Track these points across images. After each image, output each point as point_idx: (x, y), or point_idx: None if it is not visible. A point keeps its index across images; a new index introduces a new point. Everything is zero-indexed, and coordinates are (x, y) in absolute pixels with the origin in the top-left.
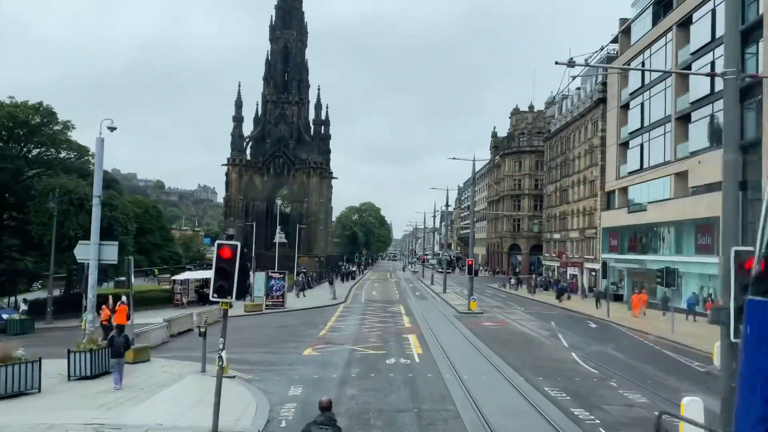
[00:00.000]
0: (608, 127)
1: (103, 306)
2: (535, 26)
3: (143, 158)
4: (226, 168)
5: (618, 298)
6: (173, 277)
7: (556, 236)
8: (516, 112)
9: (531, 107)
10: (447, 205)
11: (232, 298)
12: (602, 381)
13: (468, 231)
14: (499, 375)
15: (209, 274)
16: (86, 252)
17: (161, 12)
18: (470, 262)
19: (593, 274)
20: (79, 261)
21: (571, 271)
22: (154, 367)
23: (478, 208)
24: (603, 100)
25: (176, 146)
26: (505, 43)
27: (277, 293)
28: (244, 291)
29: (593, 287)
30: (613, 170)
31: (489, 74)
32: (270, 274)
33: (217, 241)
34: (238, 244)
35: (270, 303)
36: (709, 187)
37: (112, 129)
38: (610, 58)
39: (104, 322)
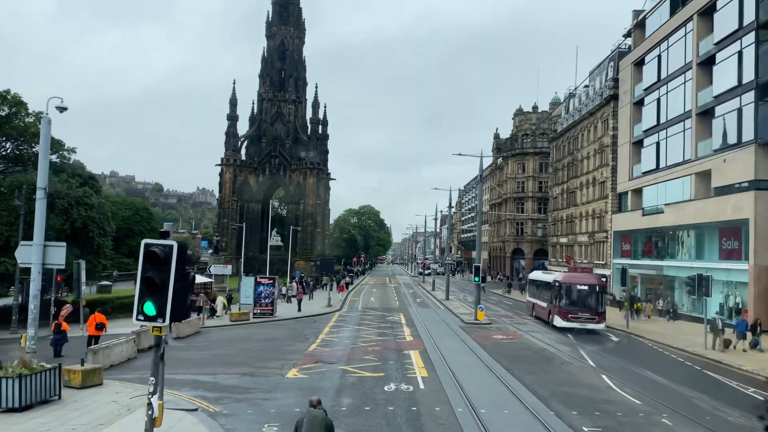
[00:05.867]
0: (620, 124)
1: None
2: (540, 30)
3: (142, 161)
4: (220, 168)
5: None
6: None
7: (563, 240)
8: (519, 112)
9: (535, 108)
10: (450, 207)
11: (164, 321)
12: (650, 416)
13: (469, 235)
14: (523, 408)
15: (197, 278)
16: (28, 254)
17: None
18: (478, 267)
19: (604, 280)
20: (20, 265)
21: None
22: (103, 394)
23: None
24: (614, 97)
25: (177, 150)
26: (508, 50)
27: (266, 300)
28: (183, 312)
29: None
30: (625, 170)
31: (488, 84)
32: (258, 279)
33: (144, 240)
34: (174, 244)
35: (258, 311)
36: (732, 188)
37: (61, 109)
38: (621, 54)
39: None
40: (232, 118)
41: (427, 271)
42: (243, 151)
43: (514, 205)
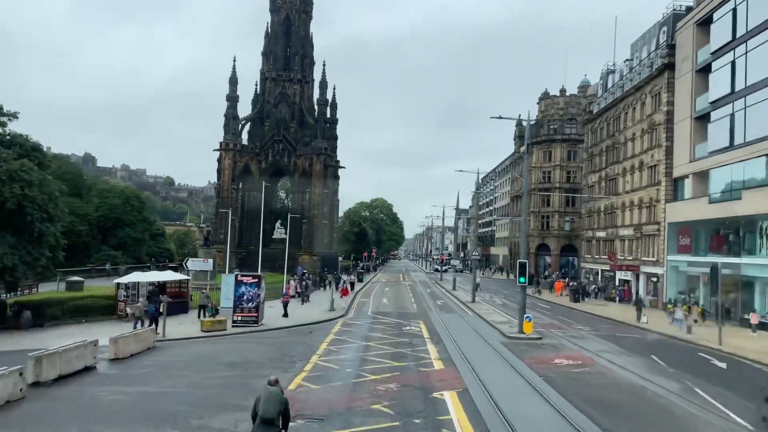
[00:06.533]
0: (677, 98)
1: None
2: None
3: (155, 157)
4: (218, 154)
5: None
6: (117, 280)
7: (600, 235)
8: (545, 96)
9: (563, 91)
10: (478, 189)
11: None
12: None
13: (487, 230)
14: None
15: (168, 275)
16: None
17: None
18: (524, 264)
19: (654, 280)
20: None
21: (620, 275)
22: None
23: (498, 204)
24: (669, 66)
25: (190, 145)
26: (520, 47)
27: (250, 305)
28: None
29: (664, 299)
30: (684, 151)
31: (502, 82)
32: (239, 277)
33: None
34: None
35: (239, 319)
36: None
37: None
38: (677, 16)
39: None
40: (232, 98)
41: (443, 268)
42: (245, 137)
43: (539, 196)
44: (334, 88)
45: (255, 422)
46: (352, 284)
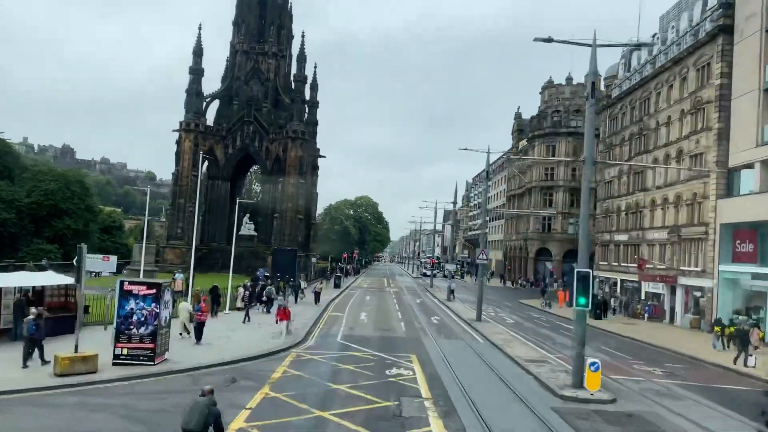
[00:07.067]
0: (737, 67)
1: None
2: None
3: (140, 150)
4: (177, 136)
5: (743, 335)
6: None
7: (621, 238)
8: (549, 85)
9: (569, 79)
10: (487, 175)
11: None
12: None
13: (478, 232)
14: None
15: (48, 278)
16: None
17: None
18: (586, 275)
19: (697, 294)
20: None
21: (648, 287)
22: None
23: (493, 204)
24: (725, 29)
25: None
26: (511, 50)
27: (142, 330)
28: None
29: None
30: (746, 133)
31: (491, 85)
32: (126, 286)
33: None
34: None
35: (124, 353)
36: None
37: None
38: None
39: None
40: (196, 71)
41: (431, 272)
42: (215, 120)
43: (540, 195)
44: (315, 67)
45: None
46: (318, 294)
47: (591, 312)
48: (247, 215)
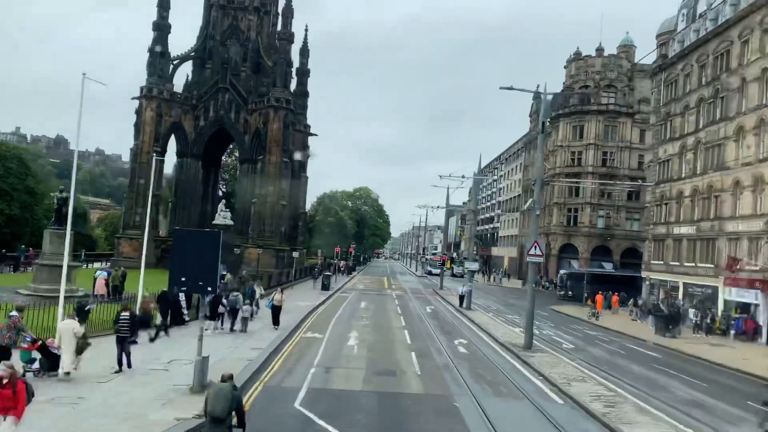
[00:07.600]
0: None
1: None
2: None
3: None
4: (137, 104)
5: None
6: None
7: (684, 231)
8: (577, 57)
9: (600, 50)
10: (543, 128)
11: None
12: None
13: (488, 227)
14: None
15: None
16: None
17: None
18: None
19: None
20: None
21: (733, 295)
22: None
23: (507, 196)
24: None
25: None
26: (517, 45)
27: None
28: None
29: None
30: None
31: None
32: None
33: None
34: None
35: None
36: None
37: None
38: None
39: None
40: (160, 27)
41: (436, 271)
42: (183, 87)
43: (564, 184)
44: (306, 28)
45: (207, 419)
46: (276, 311)
47: (660, 327)
48: (223, 202)
